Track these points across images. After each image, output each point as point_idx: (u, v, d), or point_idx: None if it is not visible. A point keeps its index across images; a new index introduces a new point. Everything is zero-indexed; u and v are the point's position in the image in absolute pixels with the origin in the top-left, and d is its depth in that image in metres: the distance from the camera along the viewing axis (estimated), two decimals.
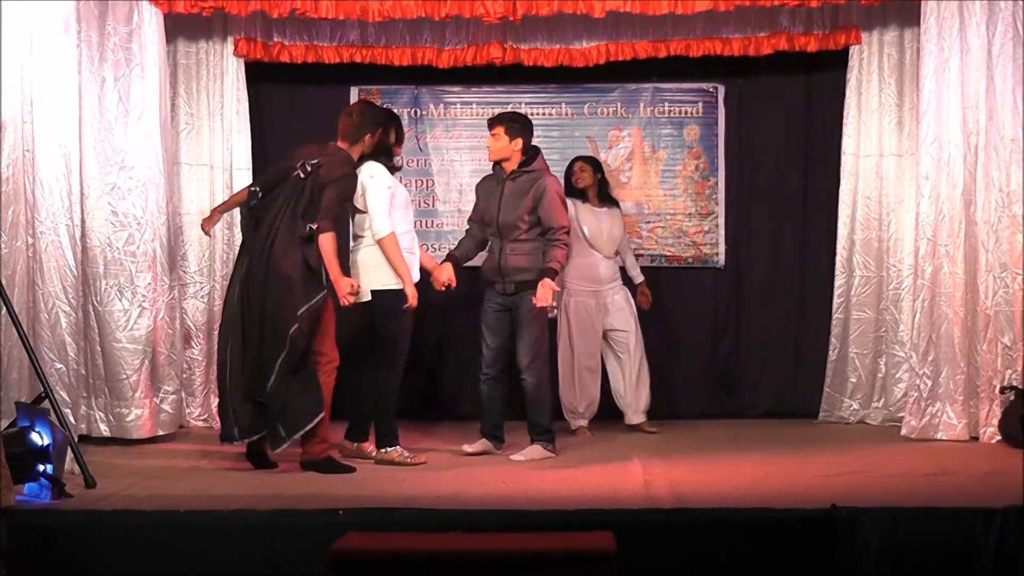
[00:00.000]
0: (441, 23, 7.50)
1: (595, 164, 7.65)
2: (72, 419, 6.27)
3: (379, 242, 6.21)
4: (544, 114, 8.27)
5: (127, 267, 6.93)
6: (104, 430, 6.84)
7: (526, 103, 8.27)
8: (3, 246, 6.20)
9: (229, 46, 7.78)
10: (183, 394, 7.69)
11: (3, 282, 5.91)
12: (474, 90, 8.27)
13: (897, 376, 7.68)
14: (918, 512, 4.76)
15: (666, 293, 8.02)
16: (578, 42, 7.85)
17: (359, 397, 6.44)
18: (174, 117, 7.74)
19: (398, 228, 6.26)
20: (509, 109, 7.57)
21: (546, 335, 6.60)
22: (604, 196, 7.60)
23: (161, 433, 7.06)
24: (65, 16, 6.50)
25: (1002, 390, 6.72)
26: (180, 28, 7.67)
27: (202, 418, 7.76)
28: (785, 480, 5.75)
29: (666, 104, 8.27)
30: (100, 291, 6.87)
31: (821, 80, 8.14)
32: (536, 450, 6.49)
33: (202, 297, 7.77)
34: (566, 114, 8.31)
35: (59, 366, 6.40)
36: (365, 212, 6.28)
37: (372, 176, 6.27)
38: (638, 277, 7.67)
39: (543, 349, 6.56)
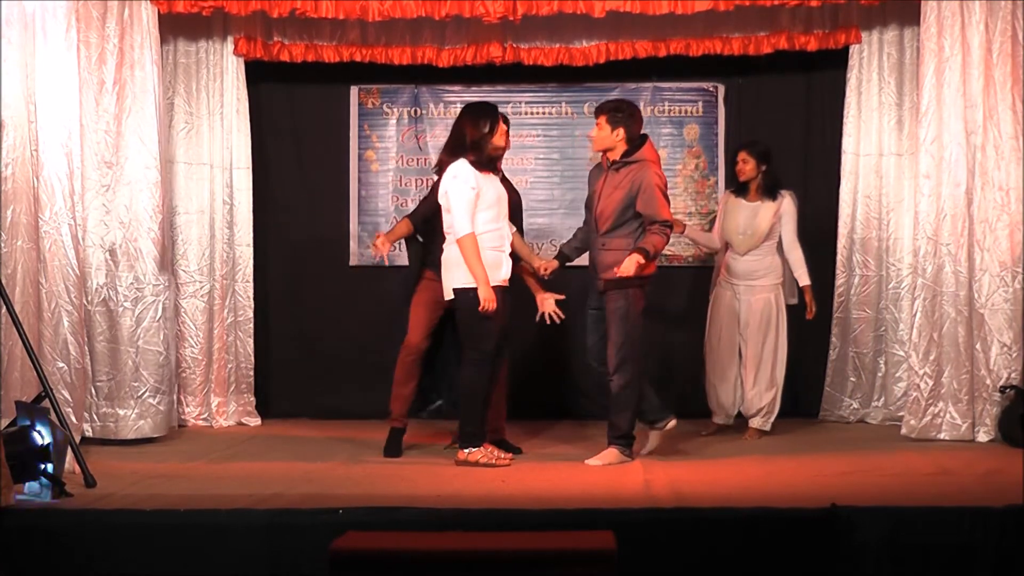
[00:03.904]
0: (441, 22, 7.50)
1: (760, 154, 7.13)
2: (73, 418, 6.27)
3: (457, 242, 6.14)
4: (544, 113, 8.28)
5: (113, 267, 6.94)
6: (88, 430, 6.83)
7: (526, 102, 8.28)
8: (4, 245, 6.20)
9: (229, 45, 7.78)
10: (183, 394, 7.70)
11: (4, 281, 5.92)
12: (474, 89, 8.26)
13: (897, 375, 7.69)
14: (918, 512, 4.75)
15: (666, 293, 8.01)
16: (578, 41, 7.85)
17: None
18: (174, 117, 7.75)
19: (481, 227, 6.16)
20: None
21: (637, 335, 6.28)
22: (766, 189, 7.14)
23: (154, 434, 7.04)
24: (66, 16, 6.51)
25: (1002, 389, 6.72)
26: (180, 28, 7.67)
27: (202, 417, 7.76)
28: (785, 480, 5.75)
29: (666, 103, 8.27)
30: (91, 291, 6.87)
31: (821, 79, 8.15)
32: (611, 453, 6.30)
33: (202, 296, 7.77)
34: (566, 113, 8.31)
35: (61, 365, 6.40)
36: (449, 211, 6.22)
37: (455, 176, 6.19)
38: (801, 279, 7.14)
39: (634, 350, 6.26)
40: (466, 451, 6.22)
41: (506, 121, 6.52)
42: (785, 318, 7.24)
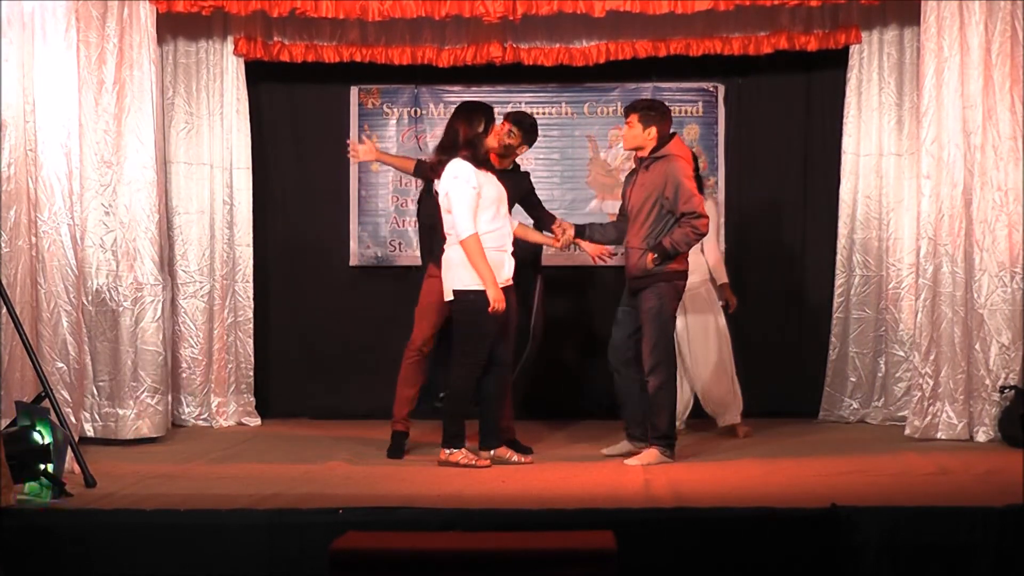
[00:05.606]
0: (441, 22, 7.50)
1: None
2: (73, 419, 6.27)
3: (461, 243, 6.05)
4: (544, 113, 8.26)
5: (113, 266, 6.94)
6: (90, 430, 6.82)
7: (526, 102, 8.26)
8: (4, 245, 6.20)
9: (229, 45, 7.78)
10: (183, 394, 7.70)
11: (4, 281, 5.92)
12: (474, 89, 8.25)
13: (897, 375, 7.68)
14: (918, 512, 4.75)
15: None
16: (578, 41, 7.85)
17: (483, 402, 6.33)
18: (174, 117, 7.76)
19: (484, 227, 6.09)
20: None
21: (668, 336, 6.29)
22: None
23: (152, 434, 7.03)
24: (65, 16, 6.51)
25: (1002, 389, 6.72)
26: (180, 27, 7.68)
27: (202, 417, 7.76)
28: (785, 480, 5.75)
29: (666, 103, 8.24)
30: (90, 290, 6.87)
31: (821, 79, 8.15)
32: (652, 453, 6.26)
33: (202, 297, 7.77)
34: (566, 113, 8.31)
35: (60, 365, 6.40)
36: (450, 212, 6.15)
37: (455, 176, 6.12)
38: (720, 278, 7.27)
39: (668, 349, 6.26)
40: (447, 451, 6.19)
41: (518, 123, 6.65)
42: (721, 311, 7.26)
